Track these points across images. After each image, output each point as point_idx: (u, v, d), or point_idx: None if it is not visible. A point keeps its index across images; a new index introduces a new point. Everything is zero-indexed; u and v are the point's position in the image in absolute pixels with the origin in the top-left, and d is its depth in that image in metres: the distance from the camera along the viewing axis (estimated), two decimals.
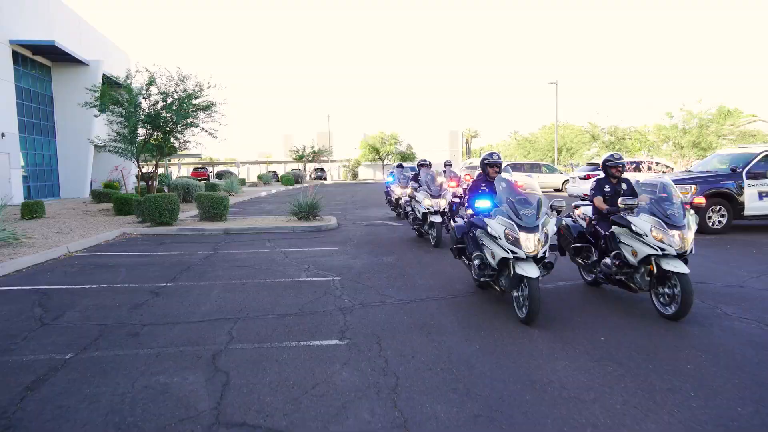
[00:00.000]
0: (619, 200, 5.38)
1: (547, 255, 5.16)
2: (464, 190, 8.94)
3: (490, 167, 6.37)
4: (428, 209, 9.80)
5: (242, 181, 40.67)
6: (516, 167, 28.25)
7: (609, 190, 6.04)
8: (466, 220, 6.17)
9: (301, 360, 4.17)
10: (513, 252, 4.97)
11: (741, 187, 10.99)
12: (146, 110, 16.96)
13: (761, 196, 10.95)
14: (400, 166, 15.29)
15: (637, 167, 18.46)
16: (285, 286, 6.75)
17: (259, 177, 48.12)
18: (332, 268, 7.80)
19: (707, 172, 11.90)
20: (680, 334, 4.75)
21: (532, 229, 4.96)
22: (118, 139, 16.90)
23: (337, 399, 3.47)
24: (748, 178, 11.01)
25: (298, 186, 38.83)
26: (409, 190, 11.41)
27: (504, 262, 5.19)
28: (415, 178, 11.44)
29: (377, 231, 12.27)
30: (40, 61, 24.52)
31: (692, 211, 5.26)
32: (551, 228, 5.20)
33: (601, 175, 6.28)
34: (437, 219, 9.61)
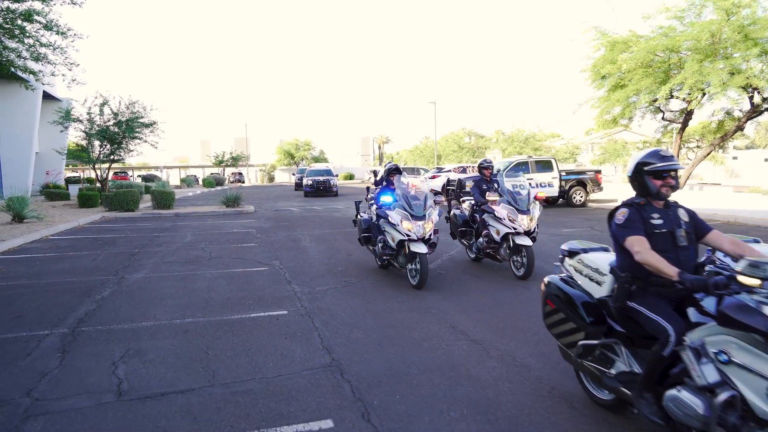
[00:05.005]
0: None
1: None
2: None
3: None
4: (408, 235, 6.81)
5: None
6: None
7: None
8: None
9: (239, 249, 10.35)
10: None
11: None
12: (101, 126, 21.86)
13: (514, 186, 18.33)
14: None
15: (463, 170, 26.01)
16: (225, 233, 12.81)
17: (182, 180, 52.29)
18: (251, 227, 13.93)
19: None
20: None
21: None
22: (79, 149, 21.71)
23: (253, 254, 9.72)
24: (505, 176, 18.34)
25: (219, 188, 43.89)
26: (428, 225, 6.91)
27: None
28: (462, 185, 11.48)
29: (281, 213, 18.43)
30: None
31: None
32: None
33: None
34: (421, 249, 6.70)
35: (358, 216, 8.49)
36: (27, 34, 9.46)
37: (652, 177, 2.96)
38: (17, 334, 5.04)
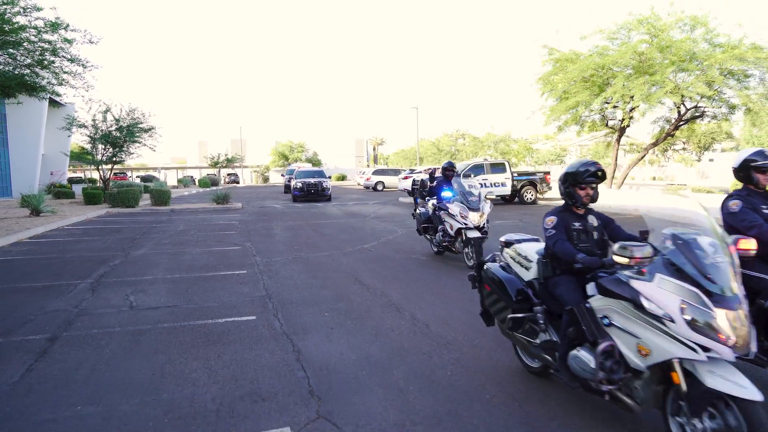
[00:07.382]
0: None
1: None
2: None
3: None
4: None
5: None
6: (384, 171, 37.85)
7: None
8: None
9: (221, 235, 12.75)
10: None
11: None
12: (104, 131, 24.23)
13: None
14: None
15: (432, 171, 28.41)
16: (212, 224, 15.22)
17: (179, 180, 54.71)
18: (235, 219, 16.34)
19: None
20: None
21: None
22: (84, 152, 24.11)
23: (232, 238, 12.12)
24: (463, 176, 20.71)
25: (214, 188, 46.26)
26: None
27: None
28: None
29: (265, 209, 20.83)
30: None
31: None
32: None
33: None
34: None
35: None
36: (55, 65, 11.86)
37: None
38: (59, 283, 7.44)
